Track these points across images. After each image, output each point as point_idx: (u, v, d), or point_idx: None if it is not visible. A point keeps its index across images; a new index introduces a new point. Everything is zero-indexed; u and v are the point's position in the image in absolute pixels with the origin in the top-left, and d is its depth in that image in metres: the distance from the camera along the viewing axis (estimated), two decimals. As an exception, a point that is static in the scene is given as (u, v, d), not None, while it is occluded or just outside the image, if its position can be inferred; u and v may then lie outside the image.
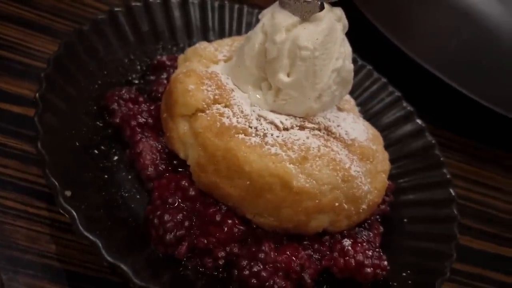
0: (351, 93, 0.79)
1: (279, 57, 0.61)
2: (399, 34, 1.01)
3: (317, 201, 0.58)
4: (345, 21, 0.66)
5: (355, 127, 0.72)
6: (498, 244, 0.91)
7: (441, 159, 0.82)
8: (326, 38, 0.62)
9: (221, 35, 0.94)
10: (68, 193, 0.53)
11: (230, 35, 0.95)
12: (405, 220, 0.76)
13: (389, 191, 0.76)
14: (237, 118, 0.62)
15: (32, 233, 0.60)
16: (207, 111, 0.62)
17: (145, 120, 0.69)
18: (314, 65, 0.61)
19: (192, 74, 0.64)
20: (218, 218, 0.58)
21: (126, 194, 0.64)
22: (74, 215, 0.51)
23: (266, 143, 0.60)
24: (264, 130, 0.62)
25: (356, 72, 0.81)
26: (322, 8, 0.60)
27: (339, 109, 0.74)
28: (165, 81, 0.74)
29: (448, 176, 0.79)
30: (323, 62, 0.62)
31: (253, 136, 0.60)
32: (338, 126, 0.69)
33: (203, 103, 0.62)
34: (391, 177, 0.74)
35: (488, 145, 1.10)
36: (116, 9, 0.79)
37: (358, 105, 0.89)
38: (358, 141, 0.69)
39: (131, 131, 0.67)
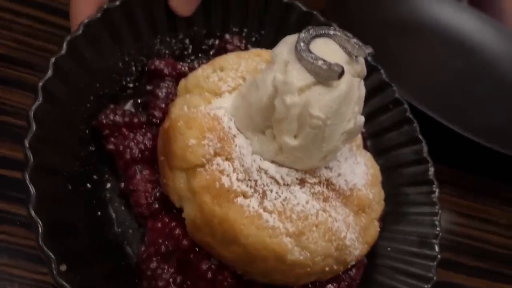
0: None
1: (288, 119, 0.57)
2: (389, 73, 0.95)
3: (308, 269, 0.60)
4: (364, 72, 0.60)
5: (355, 170, 0.70)
6: (491, 280, 0.92)
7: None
8: (341, 103, 0.57)
9: (225, 19, 0.85)
10: (63, 267, 0.52)
11: (234, 20, 0.85)
12: (388, 248, 0.79)
13: (380, 220, 0.77)
14: (237, 174, 0.59)
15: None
16: (207, 166, 0.59)
17: (140, 151, 0.65)
18: (324, 131, 0.57)
19: (194, 125, 0.59)
20: (209, 275, 0.60)
21: (119, 230, 0.64)
22: None
23: (265, 209, 0.58)
24: (264, 186, 0.60)
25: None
26: (341, 75, 0.54)
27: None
28: (162, 104, 0.69)
29: (436, 211, 0.80)
30: (334, 127, 0.58)
31: (252, 197, 0.59)
32: (338, 175, 0.67)
33: (203, 159, 0.58)
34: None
35: (482, 177, 1.08)
36: (109, 5, 0.69)
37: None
38: (357, 188, 0.68)
39: (125, 164, 0.64)
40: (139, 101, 0.74)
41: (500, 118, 1.29)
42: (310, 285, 0.65)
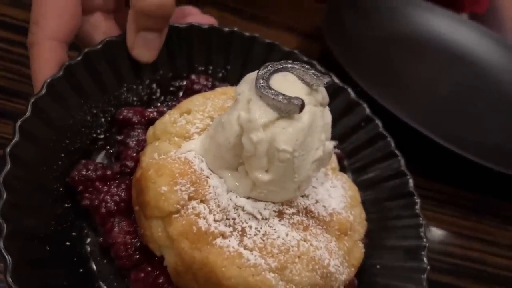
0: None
1: (257, 155, 0.58)
2: (385, 96, 0.99)
3: (296, 301, 0.59)
4: (327, 99, 0.62)
5: (333, 194, 0.71)
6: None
7: (417, 200, 0.83)
8: (306, 134, 0.58)
9: (189, 59, 0.86)
10: None
11: (198, 60, 0.87)
12: (377, 266, 0.79)
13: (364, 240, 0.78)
14: (214, 215, 0.60)
15: None
16: (182, 212, 0.59)
17: (116, 203, 0.65)
18: (293, 163, 0.58)
19: (164, 172, 0.60)
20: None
21: (104, 284, 0.63)
22: None
23: (245, 247, 0.58)
24: (242, 223, 0.61)
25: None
26: (302, 109, 0.55)
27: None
28: (134, 153, 0.69)
29: (420, 222, 0.81)
30: (303, 157, 0.59)
31: (232, 236, 0.59)
32: (316, 202, 0.68)
33: (177, 206, 0.59)
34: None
35: (482, 195, 1.08)
36: (71, 62, 0.70)
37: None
38: (337, 212, 0.69)
39: (102, 219, 0.64)
40: (110, 151, 0.74)
41: (500, 137, 1.29)
42: None
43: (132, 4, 0.72)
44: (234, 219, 0.61)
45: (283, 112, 0.57)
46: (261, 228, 0.61)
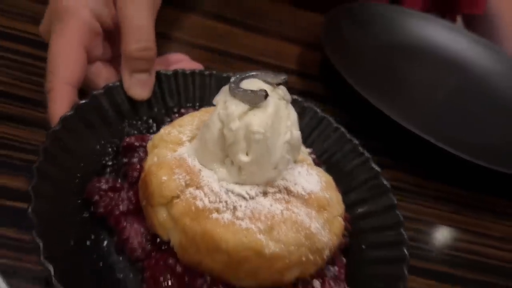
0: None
1: (237, 141, 0.71)
2: (383, 101, 1.09)
3: (287, 260, 0.69)
4: (288, 96, 0.77)
5: (309, 179, 0.83)
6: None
7: (387, 185, 0.94)
8: (274, 119, 0.72)
9: (178, 99, 1.03)
10: None
11: (187, 98, 1.03)
12: (363, 246, 0.88)
13: (346, 221, 0.88)
14: (209, 197, 0.71)
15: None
16: (182, 197, 0.71)
17: (126, 207, 0.77)
18: (267, 144, 0.72)
19: (163, 166, 0.73)
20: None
21: (121, 275, 0.73)
22: None
23: (237, 218, 0.70)
24: (234, 202, 0.72)
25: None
26: (266, 97, 0.70)
27: (294, 162, 0.85)
28: (138, 165, 0.82)
29: (394, 202, 0.91)
30: (274, 139, 0.73)
31: (225, 212, 0.70)
32: (295, 184, 0.79)
33: (177, 191, 0.71)
34: (346, 208, 0.87)
35: (476, 193, 1.16)
36: (82, 101, 0.86)
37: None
38: (314, 193, 0.80)
39: (115, 220, 0.76)
40: (119, 174, 0.87)
41: (494, 137, 1.36)
42: (298, 284, 0.73)
43: (123, 52, 0.90)
44: (226, 201, 0.72)
45: (253, 104, 0.72)
46: (249, 205, 0.72)
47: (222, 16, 1.41)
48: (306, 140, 1.01)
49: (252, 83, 0.75)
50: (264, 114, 0.71)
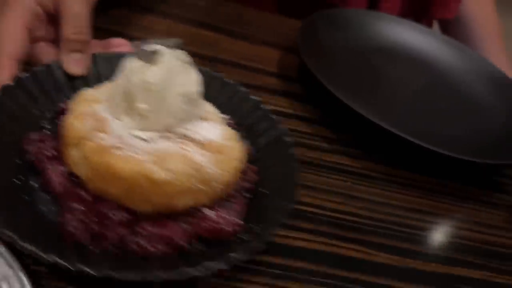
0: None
1: (135, 92, 0.86)
2: (357, 101, 1.18)
3: (176, 187, 0.83)
4: (186, 59, 0.92)
5: (212, 131, 0.97)
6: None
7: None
8: (168, 72, 0.87)
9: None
10: None
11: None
12: (267, 192, 1.01)
13: (253, 172, 1.01)
14: (114, 139, 0.86)
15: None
16: (90, 137, 0.85)
17: (51, 154, 0.91)
18: (161, 92, 0.87)
19: (77, 115, 0.88)
20: (111, 214, 0.82)
21: (44, 208, 0.87)
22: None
23: (136, 154, 0.84)
24: (135, 144, 0.86)
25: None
26: (158, 54, 0.86)
27: (202, 120, 0.99)
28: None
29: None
30: (168, 90, 0.87)
31: (126, 150, 0.84)
32: (196, 133, 0.94)
33: (85, 133, 0.85)
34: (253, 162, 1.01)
35: (440, 179, 1.26)
36: (24, 74, 1.01)
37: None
38: (214, 141, 0.94)
39: (39, 163, 0.90)
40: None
41: (459, 128, 1.46)
42: (192, 210, 0.87)
43: (61, 35, 1.07)
44: (128, 142, 0.86)
45: (149, 61, 0.87)
46: (149, 145, 0.87)
47: (202, 23, 1.51)
48: (220, 107, 1.14)
49: (152, 47, 0.90)
50: (159, 69, 0.87)
